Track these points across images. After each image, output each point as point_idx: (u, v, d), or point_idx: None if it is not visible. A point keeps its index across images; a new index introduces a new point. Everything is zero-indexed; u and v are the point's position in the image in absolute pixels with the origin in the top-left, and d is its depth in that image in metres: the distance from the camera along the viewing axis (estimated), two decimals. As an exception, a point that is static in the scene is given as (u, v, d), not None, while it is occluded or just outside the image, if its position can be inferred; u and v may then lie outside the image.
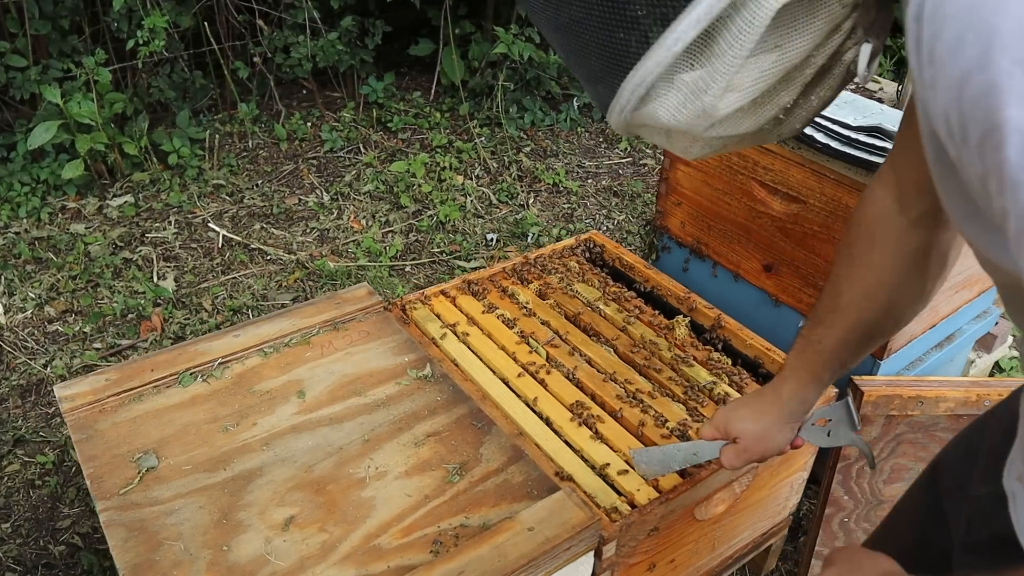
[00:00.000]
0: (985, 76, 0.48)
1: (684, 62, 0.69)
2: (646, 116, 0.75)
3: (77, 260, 3.32)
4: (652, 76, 0.70)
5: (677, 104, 0.72)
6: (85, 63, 3.47)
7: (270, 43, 4.17)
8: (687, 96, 0.71)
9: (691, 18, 0.65)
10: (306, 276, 3.31)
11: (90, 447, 1.48)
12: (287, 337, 1.73)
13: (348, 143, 4.23)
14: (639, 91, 0.71)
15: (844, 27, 0.70)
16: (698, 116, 0.72)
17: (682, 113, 0.72)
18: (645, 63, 0.69)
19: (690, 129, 0.75)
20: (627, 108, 0.74)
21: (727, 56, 0.67)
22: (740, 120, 0.75)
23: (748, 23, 0.65)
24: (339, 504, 1.38)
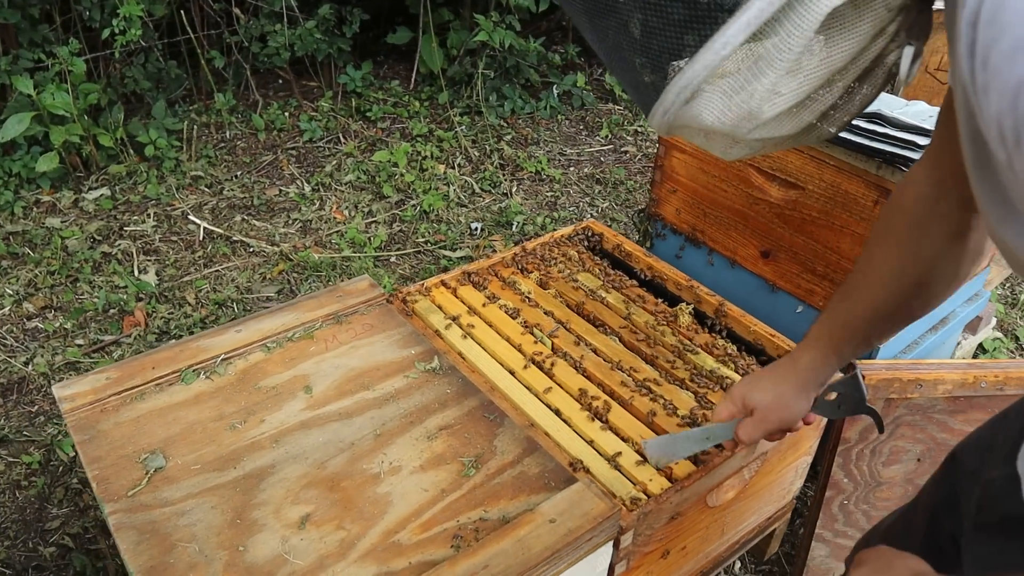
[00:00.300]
0: None
1: (731, 65, 0.69)
2: (690, 118, 0.75)
3: (55, 255, 3.24)
4: (699, 79, 0.70)
5: (722, 106, 0.72)
6: (59, 53, 3.39)
7: (246, 32, 4.10)
8: (733, 99, 0.71)
9: (741, 22, 0.65)
10: (290, 268, 3.26)
11: (94, 448, 1.44)
12: (290, 331, 1.70)
13: (327, 133, 4.18)
14: (685, 93, 0.71)
15: (889, 30, 0.71)
16: (743, 118, 0.73)
17: (727, 115, 0.73)
18: (693, 66, 0.69)
19: (734, 131, 0.75)
20: (671, 110, 0.74)
21: (775, 60, 0.67)
22: (783, 122, 0.76)
23: (797, 27, 0.65)
24: (355, 501, 1.36)
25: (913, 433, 1.81)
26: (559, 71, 4.71)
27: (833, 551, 1.92)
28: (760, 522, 1.85)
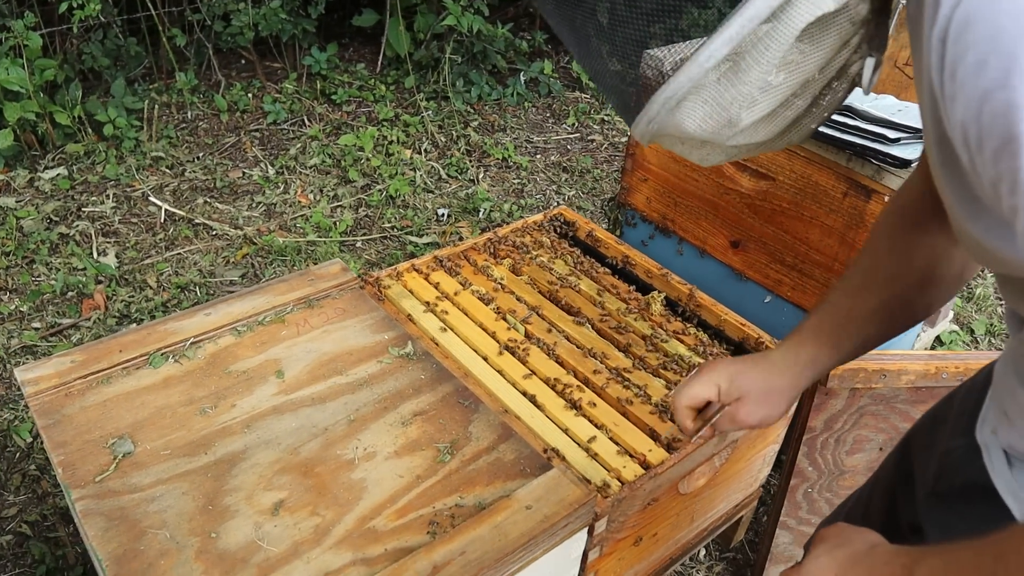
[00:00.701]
0: (1005, 95, 0.55)
1: (713, 77, 0.74)
2: (672, 126, 0.79)
3: (9, 235, 3.16)
4: (684, 90, 0.74)
5: (704, 115, 0.77)
6: (13, 27, 3.29)
7: (209, 10, 4.01)
8: (714, 108, 0.76)
9: (724, 37, 0.70)
10: (254, 252, 3.22)
11: (59, 433, 1.40)
12: (260, 315, 1.67)
13: (292, 115, 4.12)
14: (670, 103, 0.76)
15: (852, 42, 0.76)
16: (723, 126, 0.78)
17: (708, 123, 0.77)
18: (678, 78, 0.74)
19: (714, 137, 0.80)
20: (656, 119, 0.78)
21: (754, 71, 0.72)
22: (759, 128, 0.81)
23: (775, 41, 0.70)
24: (329, 487, 1.34)
25: (876, 423, 1.85)
26: (526, 58, 4.69)
27: (796, 538, 1.96)
28: (728, 509, 1.87)
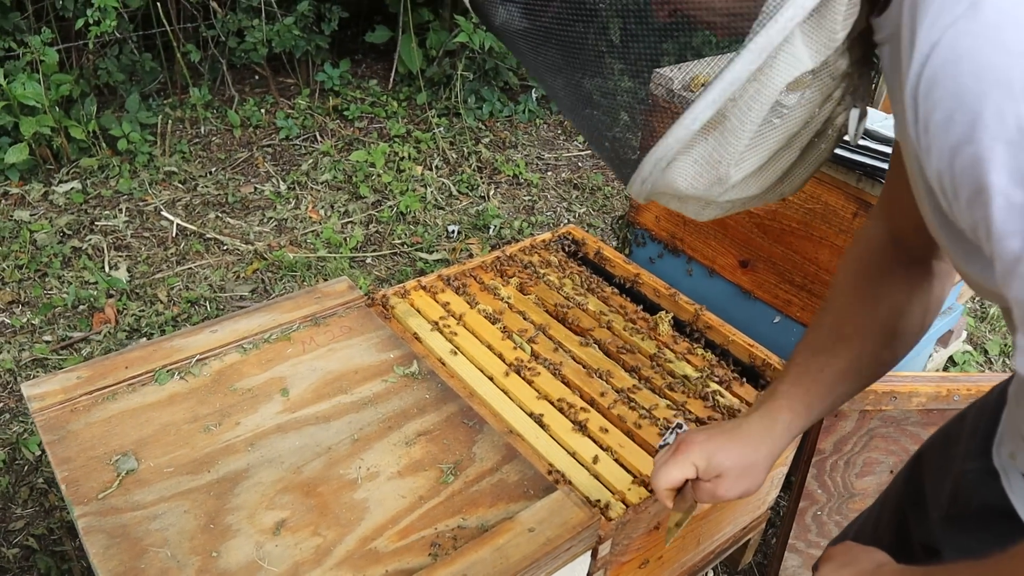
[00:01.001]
0: (972, 148, 0.59)
1: (700, 137, 0.76)
2: (665, 185, 0.81)
3: (23, 248, 3.18)
4: (673, 151, 0.77)
5: (695, 174, 0.79)
6: (31, 42, 3.33)
7: (223, 26, 4.05)
8: (704, 166, 0.78)
9: (707, 99, 0.72)
10: (265, 267, 3.23)
11: (63, 449, 1.41)
12: (266, 333, 1.67)
13: (304, 131, 4.14)
14: (661, 164, 0.78)
15: (835, 96, 0.79)
16: (714, 183, 0.80)
17: (700, 182, 0.80)
18: (666, 139, 0.76)
19: (706, 195, 0.82)
20: (649, 179, 0.81)
21: (739, 130, 0.75)
22: (750, 184, 0.83)
23: (757, 101, 0.73)
24: (331, 506, 1.34)
25: (886, 445, 1.83)
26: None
27: (805, 561, 1.93)
28: (735, 532, 1.85)
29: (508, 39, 0.88)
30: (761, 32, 0.69)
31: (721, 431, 1.11)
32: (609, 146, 0.84)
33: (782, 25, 0.68)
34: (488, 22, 0.88)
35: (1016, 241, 0.58)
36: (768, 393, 1.12)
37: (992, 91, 0.56)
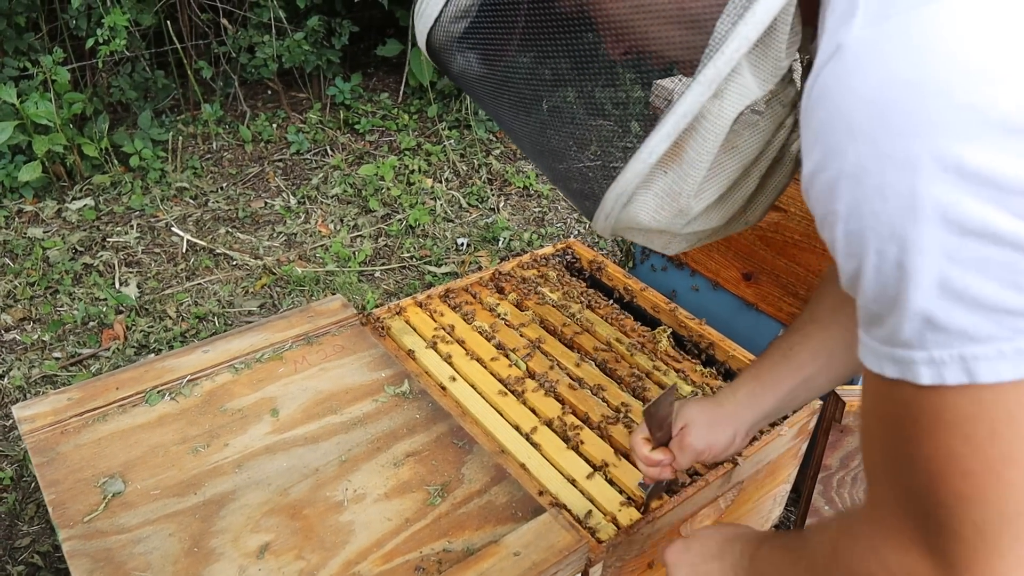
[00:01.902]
0: (824, 176, 0.63)
1: (659, 170, 0.78)
2: (629, 220, 0.83)
3: (35, 266, 3.21)
4: (632, 185, 0.79)
5: (656, 207, 0.81)
6: (43, 62, 3.37)
7: (234, 43, 4.08)
8: (665, 199, 0.80)
9: (661, 133, 0.75)
10: (273, 282, 3.23)
11: (52, 471, 1.41)
12: (259, 352, 1.67)
13: (315, 145, 4.15)
14: (622, 199, 0.81)
15: (787, 123, 0.80)
16: (676, 215, 0.82)
17: (661, 215, 0.81)
18: (625, 175, 0.78)
19: (669, 227, 0.83)
20: (612, 214, 0.83)
21: (696, 161, 0.77)
22: (711, 215, 0.84)
23: (710, 132, 0.75)
24: (316, 529, 1.32)
25: (894, 461, 1.79)
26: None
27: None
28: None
29: (466, 85, 0.89)
30: (709, 64, 0.71)
31: (692, 398, 1.26)
32: (571, 185, 0.86)
33: (728, 56, 0.70)
34: (446, 70, 0.89)
35: (853, 263, 0.63)
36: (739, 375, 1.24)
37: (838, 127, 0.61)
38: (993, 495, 0.63)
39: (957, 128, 0.55)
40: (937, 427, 0.63)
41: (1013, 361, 0.58)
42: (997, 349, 0.59)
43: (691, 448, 1.20)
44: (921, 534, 0.68)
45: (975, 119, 0.55)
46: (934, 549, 0.68)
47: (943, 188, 0.56)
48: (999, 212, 0.56)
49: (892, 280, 0.61)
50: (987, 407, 0.60)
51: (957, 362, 0.60)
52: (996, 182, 0.55)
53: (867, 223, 0.60)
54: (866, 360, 0.67)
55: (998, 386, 0.59)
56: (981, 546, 0.65)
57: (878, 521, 0.73)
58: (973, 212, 0.56)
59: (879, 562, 0.73)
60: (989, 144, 0.55)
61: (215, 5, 3.99)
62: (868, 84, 0.58)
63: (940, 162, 0.56)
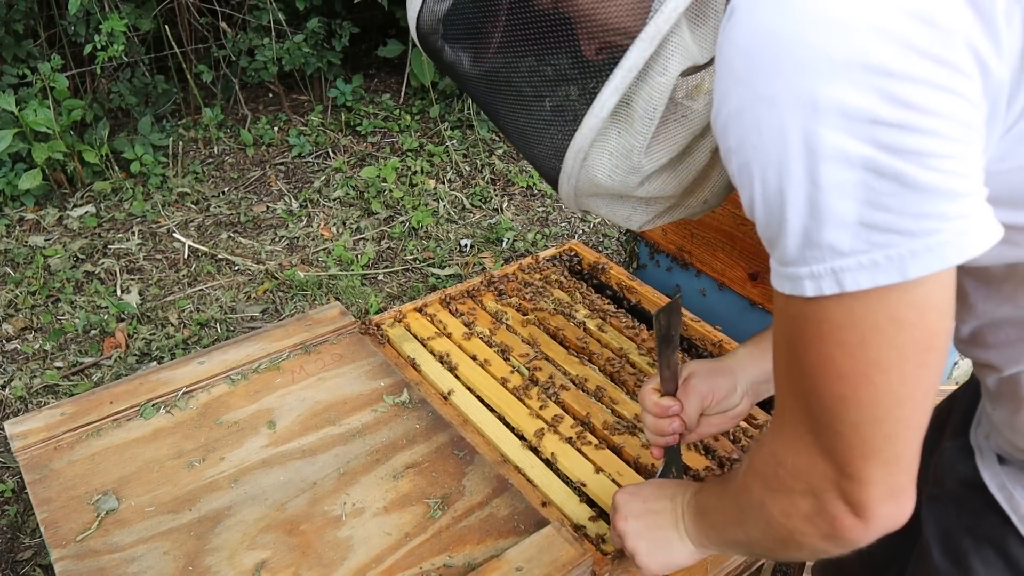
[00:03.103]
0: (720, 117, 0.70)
1: (612, 128, 0.84)
2: (587, 180, 0.88)
3: (36, 274, 3.19)
4: (588, 141, 0.84)
5: (612, 166, 0.86)
6: (41, 69, 3.34)
7: (234, 46, 4.05)
8: (618, 157, 0.85)
9: (611, 87, 0.81)
10: (276, 287, 3.21)
11: (44, 489, 1.38)
12: (255, 363, 1.64)
13: (316, 148, 4.13)
14: (580, 156, 0.86)
15: None
16: (629, 173, 0.86)
17: (617, 172, 0.86)
18: (582, 130, 0.84)
19: (625, 188, 0.88)
20: (572, 175, 0.88)
21: (645, 118, 0.82)
22: (666, 181, 0.90)
23: (655, 89, 0.80)
24: (314, 545, 1.29)
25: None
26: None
27: (824, 586, 1.85)
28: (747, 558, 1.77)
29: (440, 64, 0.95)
30: (651, 22, 0.78)
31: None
32: (534, 149, 0.91)
33: (667, 15, 0.77)
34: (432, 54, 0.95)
35: (746, 193, 0.70)
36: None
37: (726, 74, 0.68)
38: (865, 397, 0.71)
39: (811, 67, 0.62)
40: (819, 335, 0.71)
41: (869, 271, 0.66)
42: (857, 261, 0.66)
43: (696, 390, 1.23)
44: (813, 437, 0.77)
45: (825, 58, 0.62)
46: (823, 448, 0.77)
47: (803, 121, 0.63)
48: (850, 139, 0.63)
49: (775, 205, 0.68)
50: (858, 317, 0.68)
51: (830, 275, 0.67)
52: (847, 113, 0.62)
53: (750, 156, 0.68)
54: (772, 281, 0.74)
55: (864, 296, 0.67)
56: (859, 444, 0.74)
57: (779, 427, 0.83)
58: (828, 140, 0.63)
59: (778, 462, 0.83)
60: (838, 80, 0.62)
61: (214, 9, 3.96)
62: (743, 35, 0.66)
63: (798, 97, 0.63)
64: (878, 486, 0.75)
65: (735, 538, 1.00)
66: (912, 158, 0.63)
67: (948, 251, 0.64)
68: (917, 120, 0.62)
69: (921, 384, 0.71)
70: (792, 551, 0.89)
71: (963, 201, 0.64)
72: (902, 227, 0.64)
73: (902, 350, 0.69)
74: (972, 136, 0.64)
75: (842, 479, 0.77)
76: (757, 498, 0.89)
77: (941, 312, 0.69)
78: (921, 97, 0.62)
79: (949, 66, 0.62)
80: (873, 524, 0.78)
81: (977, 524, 0.99)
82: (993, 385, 0.93)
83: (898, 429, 0.73)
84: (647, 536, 1.15)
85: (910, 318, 0.67)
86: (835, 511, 0.79)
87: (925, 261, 0.65)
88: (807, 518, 0.82)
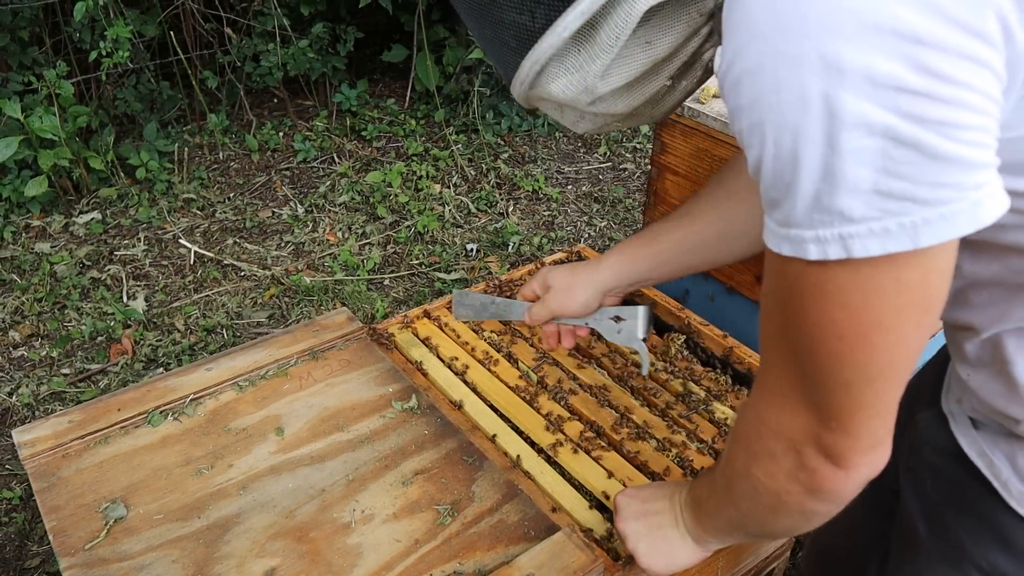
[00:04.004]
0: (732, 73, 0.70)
1: (572, 47, 0.84)
2: (542, 90, 0.90)
3: (43, 281, 3.19)
4: (545, 56, 0.85)
5: (566, 81, 0.87)
6: (47, 76, 3.35)
7: (239, 52, 4.05)
8: (573, 74, 0.86)
9: (577, 11, 0.80)
10: (282, 292, 3.21)
11: (52, 497, 1.37)
12: (263, 369, 1.63)
13: (322, 153, 4.13)
14: (535, 68, 0.87)
15: (702, 32, 0.86)
16: (582, 92, 0.88)
17: (570, 89, 0.87)
18: (540, 45, 0.85)
19: (575, 103, 0.90)
20: (526, 82, 0.89)
21: (605, 45, 0.82)
22: (617, 100, 0.90)
23: (622, 19, 0.80)
24: (323, 553, 1.29)
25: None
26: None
27: (835, 590, 1.84)
28: (757, 563, 1.76)
29: None
30: None
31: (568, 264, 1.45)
32: (496, 51, 0.93)
33: None
34: None
35: (755, 152, 0.70)
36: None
37: (743, 28, 0.68)
38: (862, 356, 0.73)
39: (839, 29, 0.61)
40: (821, 297, 0.72)
41: (880, 238, 0.66)
42: (868, 228, 0.66)
43: (551, 307, 1.40)
44: (799, 394, 0.80)
45: (855, 21, 0.61)
46: (808, 404, 0.79)
47: (826, 84, 0.63)
48: (874, 106, 0.62)
49: (787, 167, 0.68)
50: (862, 280, 0.69)
51: (837, 240, 0.67)
52: (873, 79, 0.61)
53: (765, 115, 0.67)
54: (768, 241, 0.74)
55: (871, 261, 0.67)
56: (846, 400, 0.76)
57: (763, 385, 0.85)
58: (850, 106, 0.62)
59: (761, 420, 0.85)
60: (866, 44, 0.61)
61: (219, 15, 3.97)
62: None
63: (824, 60, 0.62)
64: (861, 439, 0.78)
65: (729, 518, 1.02)
66: (935, 128, 0.62)
67: (961, 220, 0.65)
68: (943, 90, 0.61)
69: (914, 344, 0.73)
70: (783, 517, 0.91)
71: (980, 172, 0.65)
72: (917, 195, 0.64)
73: (902, 311, 0.70)
74: (992, 107, 0.64)
75: (825, 432, 0.79)
76: (742, 466, 0.92)
77: (944, 275, 0.70)
78: (949, 66, 0.61)
79: (979, 36, 0.61)
80: (853, 474, 0.81)
81: (959, 494, 1.00)
82: (972, 349, 0.93)
83: (886, 387, 0.75)
84: (647, 537, 1.17)
85: (915, 280, 0.68)
86: (815, 464, 0.81)
87: (937, 229, 0.65)
88: (790, 475, 0.85)
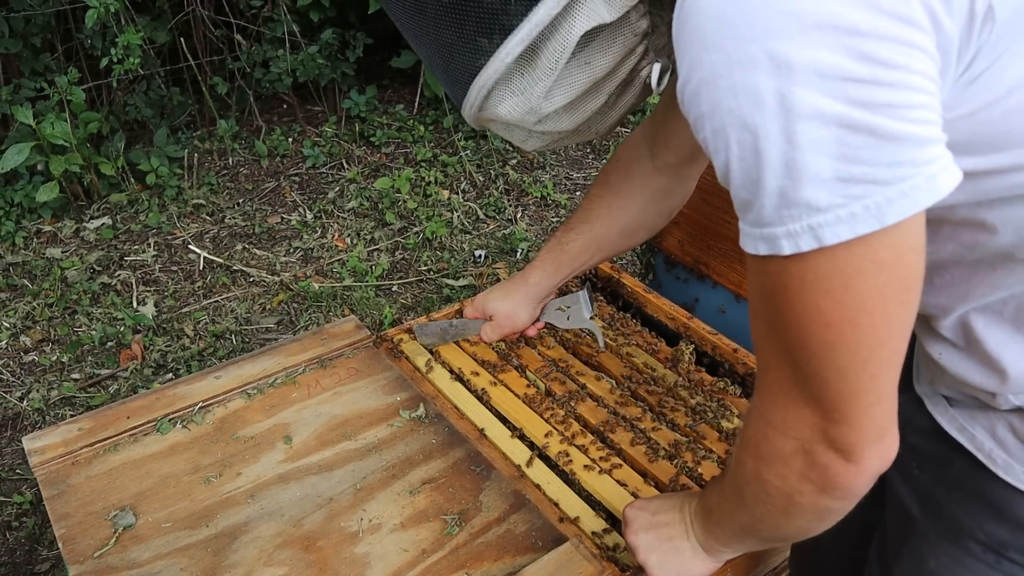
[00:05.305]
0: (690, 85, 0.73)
1: (516, 71, 0.89)
2: (490, 112, 0.94)
3: (53, 286, 3.21)
4: (491, 81, 0.90)
5: (512, 103, 0.92)
6: (58, 82, 3.37)
7: (249, 58, 4.07)
8: (518, 97, 0.91)
9: (517, 37, 0.85)
10: (290, 298, 3.21)
11: (62, 505, 1.38)
12: (271, 377, 1.64)
13: (331, 159, 4.14)
14: (483, 92, 0.91)
15: (637, 51, 0.91)
16: (527, 112, 0.92)
17: (516, 110, 0.92)
18: (487, 70, 0.89)
19: (522, 123, 0.94)
20: (475, 105, 0.94)
21: (547, 68, 0.87)
22: (561, 118, 0.95)
23: (560, 44, 0.85)
24: (331, 562, 1.29)
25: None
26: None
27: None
28: (766, 573, 1.76)
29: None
30: None
31: (497, 285, 1.65)
32: (446, 76, 0.97)
33: None
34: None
35: (721, 157, 0.72)
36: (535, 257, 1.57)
37: (695, 42, 0.70)
38: (852, 340, 0.74)
39: (784, 30, 0.65)
40: (802, 288, 0.73)
41: (849, 223, 0.68)
42: (835, 215, 0.68)
43: (499, 331, 1.64)
44: (799, 390, 0.80)
45: (798, 21, 0.65)
46: (809, 398, 0.80)
47: (778, 81, 0.66)
48: (824, 97, 0.65)
49: (751, 167, 0.70)
50: (839, 265, 0.71)
51: (808, 232, 0.69)
52: (820, 72, 0.65)
53: (726, 120, 0.70)
54: (745, 246, 0.76)
55: (844, 246, 0.69)
56: (845, 388, 0.77)
57: (764, 387, 0.85)
58: (803, 99, 0.66)
59: (766, 422, 0.86)
60: (810, 41, 0.64)
61: (229, 21, 3.99)
62: (713, 3, 0.68)
63: (773, 59, 0.66)
64: (866, 429, 0.79)
65: (740, 525, 1.02)
66: (884, 110, 0.66)
67: (920, 195, 0.68)
68: (885, 75, 0.65)
69: (900, 322, 0.75)
70: (796, 519, 0.91)
71: (930, 147, 0.68)
72: (877, 177, 0.67)
73: (883, 290, 0.72)
74: (932, 87, 0.68)
75: (830, 426, 0.80)
76: (751, 471, 0.92)
77: (916, 251, 0.72)
78: (888, 52, 0.65)
79: (909, 22, 0.65)
80: (864, 467, 0.81)
81: (946, 472, 1.02)
82: (942, 330, 0.96)
83: (880, 370, 0.77)
84: (657, 549, 1.16)
85: (889, 258, 0.71)
86: (826, 460, 0.82)
87: (900, 206, 0.68)
88: (801, 475, 0.85)
